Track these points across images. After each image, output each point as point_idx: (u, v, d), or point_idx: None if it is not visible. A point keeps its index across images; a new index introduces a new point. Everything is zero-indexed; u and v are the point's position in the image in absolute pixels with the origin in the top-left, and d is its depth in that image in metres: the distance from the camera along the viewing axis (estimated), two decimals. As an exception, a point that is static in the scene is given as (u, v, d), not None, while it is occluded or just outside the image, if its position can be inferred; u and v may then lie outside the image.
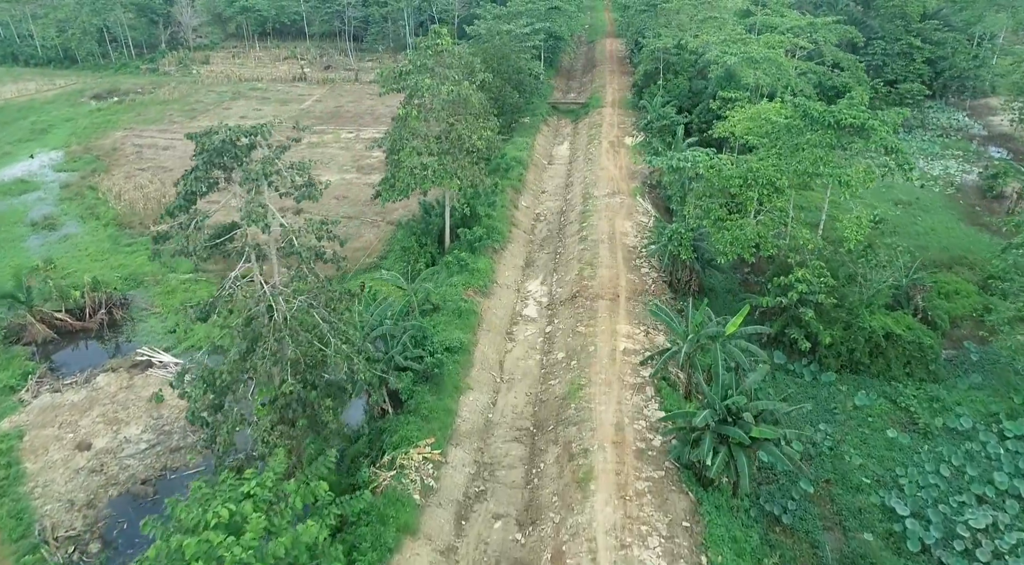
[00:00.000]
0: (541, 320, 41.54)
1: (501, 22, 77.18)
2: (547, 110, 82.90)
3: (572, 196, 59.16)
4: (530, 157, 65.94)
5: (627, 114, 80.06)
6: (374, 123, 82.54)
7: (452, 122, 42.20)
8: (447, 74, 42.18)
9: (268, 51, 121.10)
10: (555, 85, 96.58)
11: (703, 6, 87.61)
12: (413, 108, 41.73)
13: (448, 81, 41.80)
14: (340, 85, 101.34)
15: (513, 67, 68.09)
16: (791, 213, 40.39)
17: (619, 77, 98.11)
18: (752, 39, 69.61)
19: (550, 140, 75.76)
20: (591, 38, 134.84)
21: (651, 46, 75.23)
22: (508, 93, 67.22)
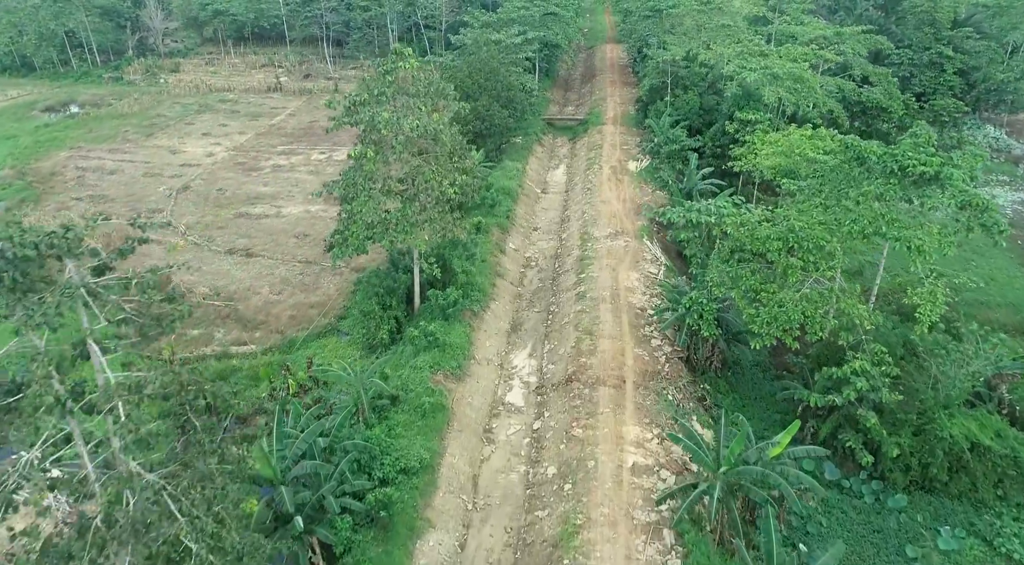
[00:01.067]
0: (528, 410, 33.24)
1: (490, 30, 68.82)
2: (542, 127, 74.56)
3: (568, 235, 50.84)
4: (520, 186, 57.63)
5: (630, 132, 71.73)
6: (350, 141, 74.02)
7: (418, 164, 33.89)
8: (412, 104, 33.89)
9: (245, 57, 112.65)
10: (551, 97, 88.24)
11: (713, 12, 79.28)
12: (369, 147, 33.41)
13: (412, 113, 33.52)
14: (318, 96, 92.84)
15: (502, 83, 59.77)
16: (839, 279, 32.15)
17: (621, 88, 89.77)
18: (772, 51, 61.35)
19: (544, 163, 67.43)
20: (590, 43, 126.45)
21: (657, 58, 66.95)
22: (496, 112, 58.92)
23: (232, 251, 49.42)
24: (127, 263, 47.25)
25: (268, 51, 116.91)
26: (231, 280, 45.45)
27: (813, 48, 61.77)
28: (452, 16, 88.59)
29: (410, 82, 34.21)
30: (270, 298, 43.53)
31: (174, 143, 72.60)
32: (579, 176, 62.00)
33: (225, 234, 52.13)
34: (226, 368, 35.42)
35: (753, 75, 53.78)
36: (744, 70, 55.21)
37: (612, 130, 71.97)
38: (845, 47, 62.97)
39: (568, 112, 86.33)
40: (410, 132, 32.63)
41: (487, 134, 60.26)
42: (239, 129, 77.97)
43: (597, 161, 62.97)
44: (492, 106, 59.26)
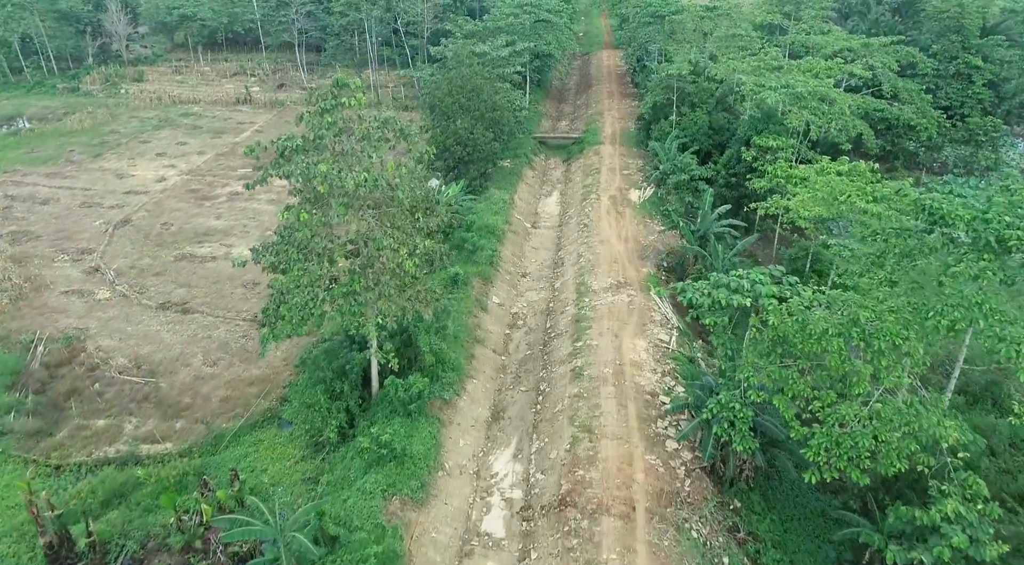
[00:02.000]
0: (510, 544, 25.68)
1: (474, 41, 61.17)
2: (533, 147, 66.97)
3: (562, 285, 43.29)
4: (507, 222, 50.03)
5: (630, 153, 64.25)
6: (320, 163, 66.31)
7: (369, 227, 26.24)
8: (360, 150, 26.30)
9: (217, 65, 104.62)
10: (543, 110, 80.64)
11: (720, 18, 71.89)
12: (304, 206, 25.80)
13: (360, 163, 25.94)
14: (291, 109, 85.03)
15: (487, 103, 52.15)
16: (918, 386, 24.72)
17: (619, 100, 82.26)
18: (792, 66, 53.93)
19: (535, 190, 59.84)
20: (586, 49, 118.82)
21: (661, 73, 59.41)
22: (480, 136, 51.33)
23: (166, 305, 41.69)
24: (34, 323, 39.73)
25: (243, 58, 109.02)
26: (159, 346, 37.74)
27: (837, 61, 54.41)
28: (436, 23, 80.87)
29: (357, 121, 26.57)
30: (202, 371, 35.83)
31: (123, 165, 64.71)
32: (574, 207, 54.44)
33: (162, 282, 44.38)
34: (127, 481, 27.76)
35: (774, 96, 46.41)
36: (763, 89, 47.81)
37: (610, 151, 64.45)
38: (873, 61, 55.55)
39: (562, 128, 78.75)
40: (355, 187, 25.01)
41: (470, 160, 52.70)
42: (199, 148, 70.13)
43: (594, 189, 55.43)
44: (475, 128, 51.69)
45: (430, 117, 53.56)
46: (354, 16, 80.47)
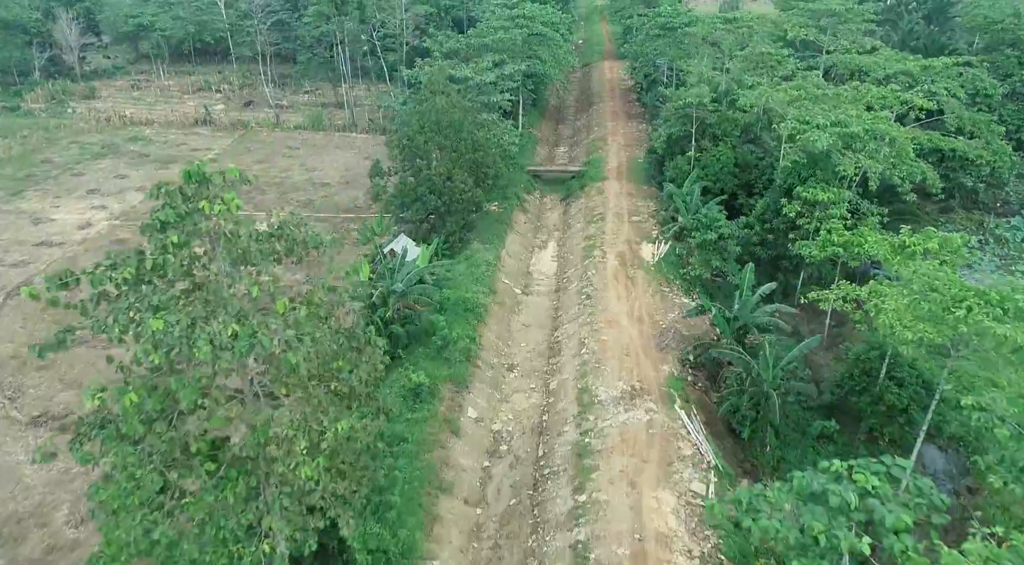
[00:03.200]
0: None
1: (455, 62, 51.07)
2: (526, 183, 56.92)
3: (560, 387, 33.28)
4: (492, 290, 40.02)
5: (640, 193, 54.30)
6: (282, 202, 56.44)
7: (238, 414, 16.18)
8: (227, 286, 16.17)
9: (182, 79, 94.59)
10: (538, 134, 70.58)
11: (740, 31, 61.93)
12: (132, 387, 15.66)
13: (229, 307, 15.83)
14: (255, 132, 75.07)
15: (468, 142, 42.24)
16: None
17: (624, 122, 72.26)
18: (837, 94, 43.97)
19: (528, 240, 49.82)
20: (586, 60, 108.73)
21: (677, 101, 49.38)
22: (460, 183, 41.44)
23: (41, 419, 31.73)
24: None
25: (213, 69, 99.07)
26: (13, 490, 27.78)
27: (892, 88, 44.48)
28: (416, 38, 70.79)
29: (226, 238, 16.44)
30: (63, 535, 25.85)
31: (44, 206, 54.70)
32: (574, 267, 44.44)
33: (46, 380, 34.40)
34: None
35: (824, 138, 36.42)
36: (808, 128, 37.88)
37: (616, 189, 54.46)
38: (936, 87, 45.50)
39: (560, 156, 68.76)
40: (215, 357, 14.91)
41: (447, 212, 42.75)
42: (140, 182, 60.11)
43: (598, 243, 45.45)
44: (454, 173, 41.77)
45: (399, 157, 43.60)
46: (326, 27, 70.41)
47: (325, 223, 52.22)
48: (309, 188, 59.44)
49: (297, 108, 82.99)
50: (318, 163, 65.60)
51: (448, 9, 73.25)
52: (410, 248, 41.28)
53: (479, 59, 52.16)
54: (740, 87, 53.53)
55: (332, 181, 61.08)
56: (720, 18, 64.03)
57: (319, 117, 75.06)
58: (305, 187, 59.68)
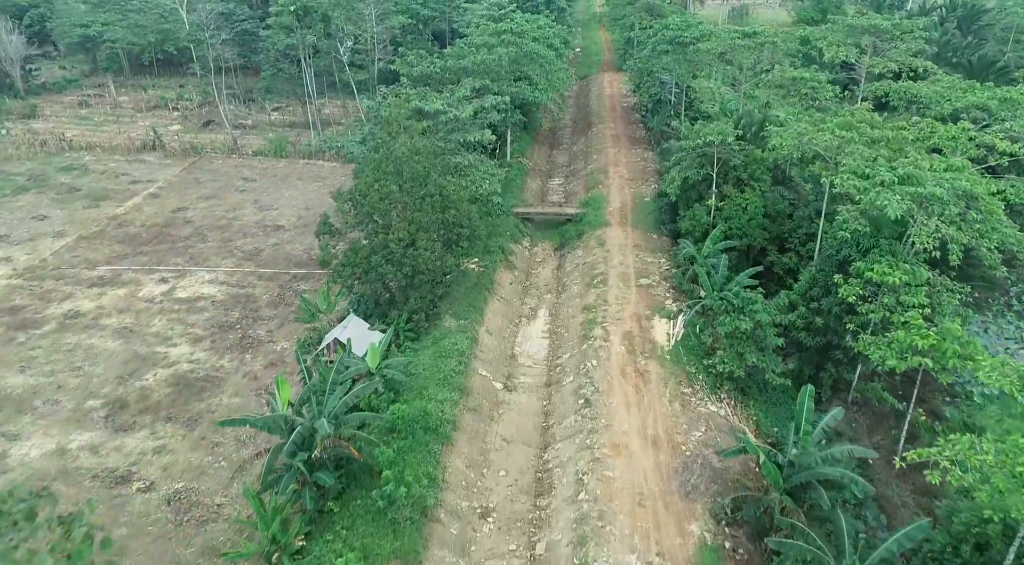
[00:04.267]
0: None
1: (427, 92, 41.87)
2: (513, 229, 47.80)
3: (549, 555, 24.27)
4: (464, 391, 30.97)
5: (648, 243, 45.37)
6: (224, 252, 47.40)
7: None
8: None
9: (138, 94, 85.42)
10: (529, 164, 61.52)
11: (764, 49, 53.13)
12: None
13: None
14: (209, 159, 65.97)
15: (437, 199, 33.25)
16: None
17: (627, 148, 63.30)
18: (898, 135, 35.03)
19: (513, 309, 40.72)
20: (584, 71, 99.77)
21: (694, 140, 40.26)
22: (425, 251, 32.47)
23: None
24: None
25: (176, 83, 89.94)
26: None
27: (963, 126, 35.59)
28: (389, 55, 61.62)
29: None
30: None
31: (-66, 262, 45.65)
32: (570, 351, 35.41)
33: None
34: None
35: (896, 204, 27.57)
36: (869, 186, 29.07)
37: (620, 238, 45.51)
38: (1018, 124, 36.49)
39: (554, 189, 59.76)
40: None
41: (409, 286, 33.78)
42: (61, 223, 51.07)
43: (600, 319, 36.43)
44: (418, 238, 32.81)
45: (351, 214, 34.62)
46: (288, 41, 61.35)
47: (269, 283, 43.23)
48: (259, 233, 50.37)
49: (262, 129, 73.91)
50: (275, 199, 56.54)
51: (428, 21, 64.25)
52: (362, 336, 32.29)
53: (456, 86, 43.07)
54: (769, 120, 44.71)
55: (288, 223, 52.05)
56: (738, 32, 55.11)
57: (282, 143, 65.96)
58: (255, 231, 50.62)
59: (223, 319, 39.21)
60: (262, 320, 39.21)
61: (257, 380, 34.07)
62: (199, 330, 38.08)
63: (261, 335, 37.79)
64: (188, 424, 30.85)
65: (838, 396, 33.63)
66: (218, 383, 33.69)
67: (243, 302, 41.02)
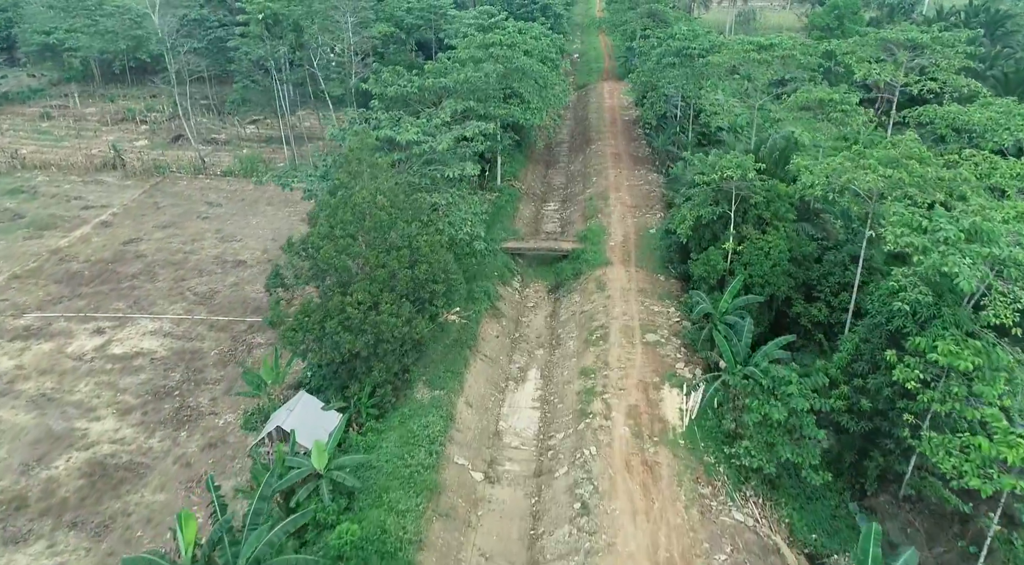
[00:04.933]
0: None
1: (402, 115, 36.07)
2: (501, 268, 42.17)
3: None
4: (434, 490, 25.26)
5: (655, 286, 39.75)
6: (175, 294, 41.69)
7: None
8: None
9: (107, 105, 79.71)
10: (522, 188, 55.88)
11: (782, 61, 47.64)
12: None
13: None
14: (173, 180, 60.29)
15: (404, 251, 27.59)
16: None
17: (629, 170, 57.74)
18: (954, 174, 29.36)
19: (499, 370, 34.95)
20: (582, 79, 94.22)
21: (709, 174, 34.40)
22: (388, 317, 26.83)
23: None
24: None
25: (148, 93, 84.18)
26: None
27: (1026, 164, 29.97)
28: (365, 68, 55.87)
29: None
30: None
31: None
32: (564, 430, 29.72)
33: None
34: None
35: (969, 272, 22.00)
36: (935, 249, 23.50)
37: (623, 281, 39.88)
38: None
39: (548, 216, 54.11)
40: None
41: (372, 355, 28.11)
42: (-5, 259, 45.43)
43: (599, 389, 30.78)
44: (382, 300, 27.18)
45: (305, 269, 28.96)
46: (257, 52, 55.66)
47: (221, 334, 37.54)
48: (217, 270, 44.69)
49: (236, 144, 68.29)
50: (240, 227, 50.87)
51: (412, 30, 58.56)
52: (313, 419, 26.65)
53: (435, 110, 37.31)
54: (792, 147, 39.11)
55: (251, 257, 46.40)
56: (752, 44, 49.50)
57: (253, 162, 60.30)
58: (212, 267, 44.94)
59: (161, 383, 33.51)
60: (206, 384, 33.52)
61: (190, 467, 28.39)
62: (130, 398, 32.40)
63: (203, 404, 32.10)
64: (96, 533, 25.15)
65: (885, 489, 28.05)
66: (142, 472, 28.01)
67: (187, 359, 35.33)
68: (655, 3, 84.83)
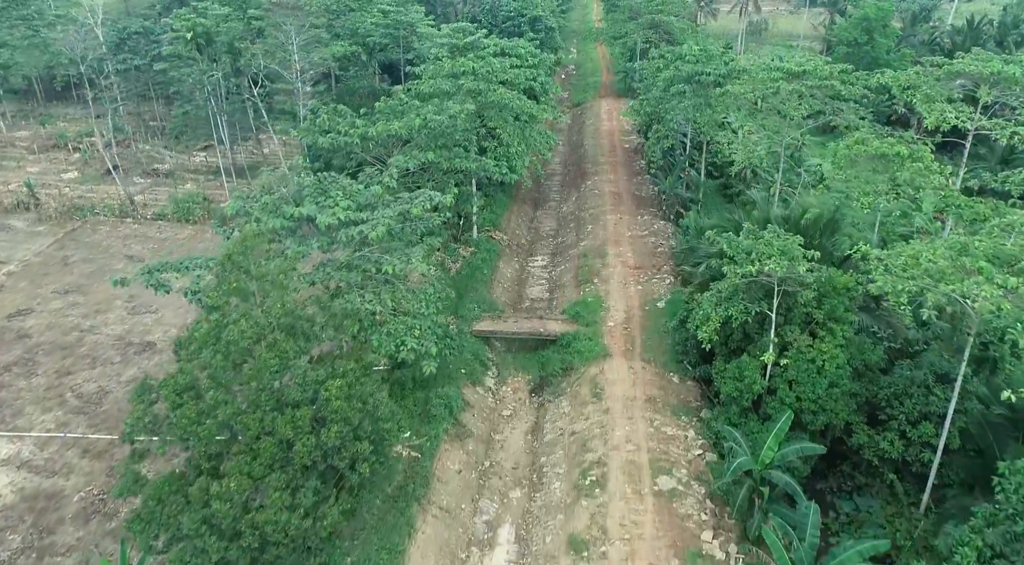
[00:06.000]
0: None
1: (331, 177, 26.64)
2: (469, 365, 32.87)
3: None
4: None
5: (664, 394, 30.58)
6: (52, 397, 32.34)
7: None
8: None
9: (47, 126, 70.34)
10: (504, 239, 46.62)
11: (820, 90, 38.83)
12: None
13: None
14: (95, 224, 51.03)
15: (305, 413, 18.38)
16: None
17: (632, 214, 48.73)
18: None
19: (460, 532, 25.37)
20: (579, 96, 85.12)
21: (743, 266, 25.10)
22: (276, 513, 17.69)
23: None
24: None
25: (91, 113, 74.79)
26: None
27: None
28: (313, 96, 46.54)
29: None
30: None
31: None
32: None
33: None
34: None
35: None
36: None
37: (626, 384, 30.70)
38: None
39: (535, 275, 44.88)
40: None
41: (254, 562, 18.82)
42: None
43: (596, 580, 21.64)
44: (269, 484, 17.98)
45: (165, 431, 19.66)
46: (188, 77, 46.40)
47: (95, 463, 28.29)
48: (116, 357, 35.43)
49: (180, 176, 59.05)
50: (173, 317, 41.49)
51: (375, 49, 49.29)
52: None
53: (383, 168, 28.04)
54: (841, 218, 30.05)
55: (164, 337, 37.15)
56: (780, 70, 40.53)
57: (189, 203, 51.05)
58: (110, 355, 35.68)
59: (-9, 554, 24.29)
60: (54, 556, 24.27)
61: None
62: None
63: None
64: None
65: None
66: None
67: (38, 511, 26.08)
68: (658, 13, 75.76)
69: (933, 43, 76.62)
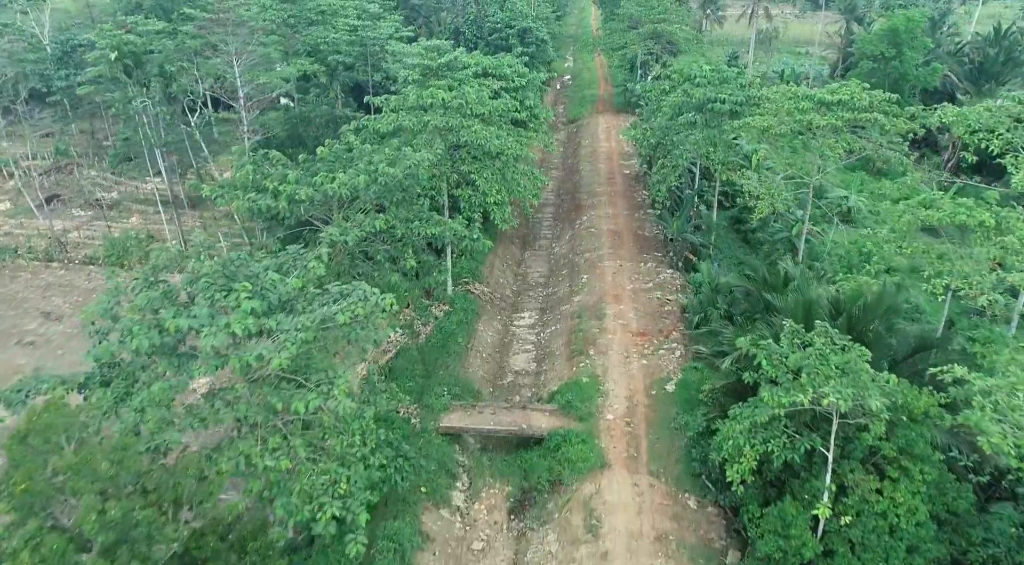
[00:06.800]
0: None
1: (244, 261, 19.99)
2: (434, 473, 26.17)
3: None
4: None
5: (682, 520, 23.68)
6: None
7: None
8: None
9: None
10: (485, 291, 39.84)
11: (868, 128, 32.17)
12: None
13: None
14: (14, 270, 44.17)
15: None
16: None
17: (634, 259, 42.01)
18: None
19: None
20: (574, 111, 78.42)
21: (792, 395, 18.42)
22: None
23: None
24: None
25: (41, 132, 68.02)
26: None
27: None
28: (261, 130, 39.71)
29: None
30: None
31: None
32: None
33: None
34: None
35: None
36: None
37: (631, 510, 23.90)
38: None
39: (520, 338, 38.03)
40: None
41: None
42: None
43: None
44: None
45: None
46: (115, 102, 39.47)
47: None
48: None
49: (126, 208, 52.23)
50: (75, 365, 34.66)
51: (338, 69, 42.42)
52: None
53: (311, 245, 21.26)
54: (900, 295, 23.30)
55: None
56: (809, 98, 33.86)
57: (125, 244, 44.22)
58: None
59: None
60: None
61: None
62: None
63: None
64: None
65: None
66: None
67: None
68: (660, 22, 69.09)
69: (960, 55, 69.93)
